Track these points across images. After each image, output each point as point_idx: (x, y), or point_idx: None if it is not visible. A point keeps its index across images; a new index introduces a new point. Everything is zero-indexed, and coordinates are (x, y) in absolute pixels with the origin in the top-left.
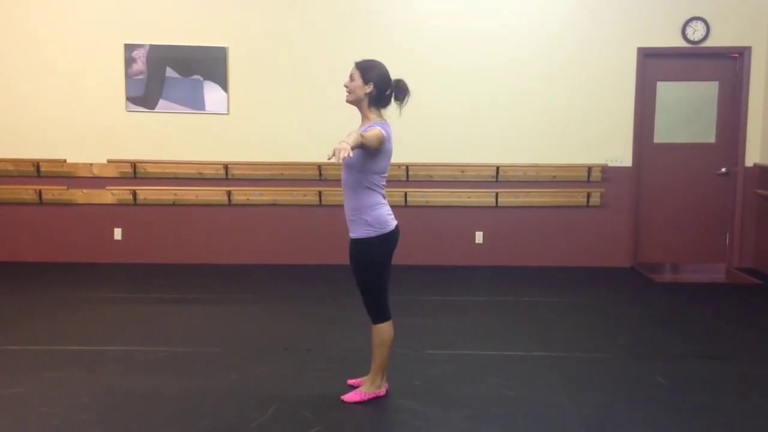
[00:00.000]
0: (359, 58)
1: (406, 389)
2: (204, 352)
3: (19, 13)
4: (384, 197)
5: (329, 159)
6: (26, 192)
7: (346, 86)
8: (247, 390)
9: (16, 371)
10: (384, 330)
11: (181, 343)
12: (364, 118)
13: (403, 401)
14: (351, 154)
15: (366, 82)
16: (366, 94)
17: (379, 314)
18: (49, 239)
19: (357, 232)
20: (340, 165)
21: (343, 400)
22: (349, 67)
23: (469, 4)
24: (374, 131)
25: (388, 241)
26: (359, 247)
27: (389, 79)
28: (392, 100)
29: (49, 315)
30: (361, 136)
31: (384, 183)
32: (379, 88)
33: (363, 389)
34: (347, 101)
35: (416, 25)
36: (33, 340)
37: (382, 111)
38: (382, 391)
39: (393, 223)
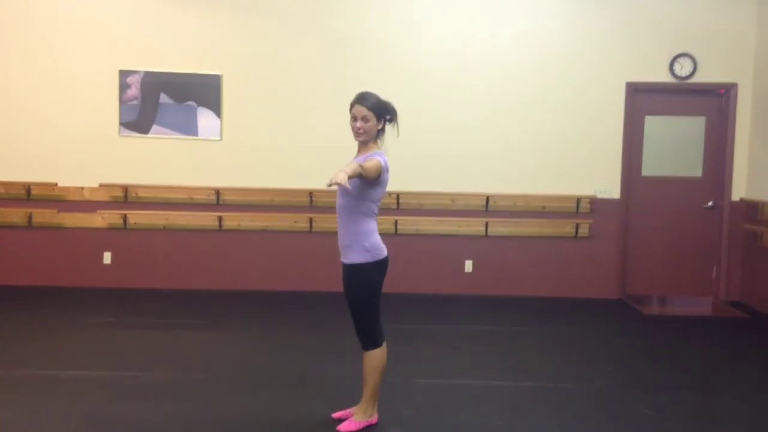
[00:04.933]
0: (346, 90)
1: (395, 418)
2: (192, 379)
3: (14, 37)
4: (376, 224)
5: (328, 186)
6: (16, 215)
7: (360, 128)
8: (235, 418)
9: (1, 395)
10: (376, 356)
11: (169, 369)
12: (366, 149)
13: (392, 430)
14: (347, 185)
15: (379, 120)
16: (378, 130)
17: (370, 340)
18: (39, 263)
19: (353, 257)
20: (335, 191)
21: (339, 431)
22: (343, 97)
23: (461, 38)
24: (374, 162)
25: (382, 267)
26: (355, 272)
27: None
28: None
29: (36, 339)
30: (360, 166)
31: (377, 210)
32: (386, 120)
33: (356, 418)
34: (360, 140)
35: (407, 55)
36: (20, 363)
37: (380, 140)
38: (374, 419)
39: (385, 249)
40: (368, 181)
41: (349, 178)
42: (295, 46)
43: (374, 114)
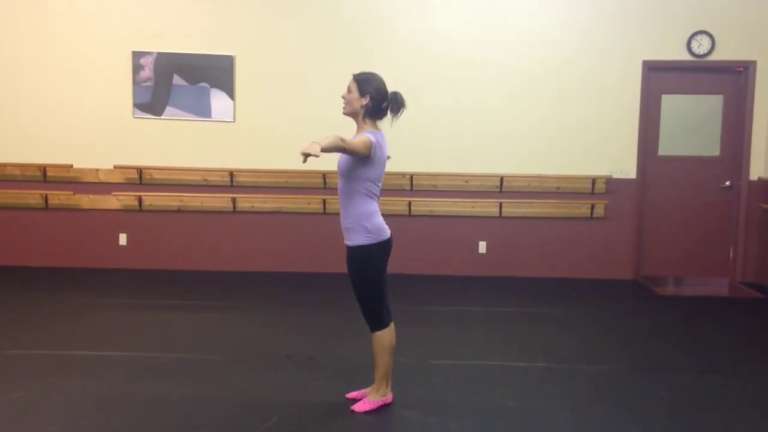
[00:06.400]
0: (358, 70)
1: (408, 399)
2: (207, 359)
3: (28, 19)
4: (378, 205)
5: (303, 162)
6: (32, 197)
7: (343, 98)
8: (251, 398)
9: (19, 375)
10: (384, 336)
11: (185, 349)
12: (358, 128)
13: (405, 411)
14: (319, 154)
15: (363, 94)
16: (362, 106)
17: (377, 321)
18: (55, 244)
19: (356, 239)
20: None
21: (353, 410)
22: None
23: (475, 17)
24: (362, 137)
25: (385, 248)
26: (359, 254)
27: (386, 92)
28: (388, 112)
29: (52, 320)
30: (342, 140)
31: (378, 192)
32: (375, 100)
33: (370, 397)
34: (344, 113)
35: (422, 37)
36: (36, 344)
37: (378, 122)
38: (389, 398)
39: (389, 230)
40: (359, 158)
41: (324, 150)
42: (307, 27)
43: (358, 87)
